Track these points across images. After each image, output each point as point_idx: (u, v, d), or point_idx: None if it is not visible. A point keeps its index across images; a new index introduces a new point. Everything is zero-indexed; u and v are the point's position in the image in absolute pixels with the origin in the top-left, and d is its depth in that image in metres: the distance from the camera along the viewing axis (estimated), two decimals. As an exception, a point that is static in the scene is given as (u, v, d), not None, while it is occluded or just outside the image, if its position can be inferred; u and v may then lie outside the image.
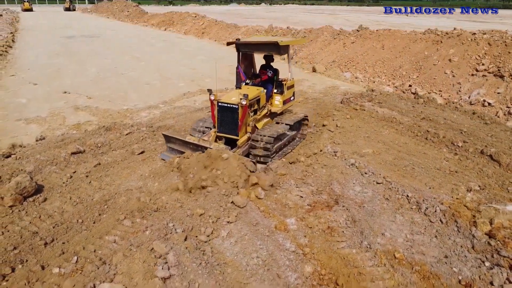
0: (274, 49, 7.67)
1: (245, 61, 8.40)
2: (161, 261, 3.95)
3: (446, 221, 5.27)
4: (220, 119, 7.06)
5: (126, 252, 4.19)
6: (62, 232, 5.06)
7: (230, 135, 7.04)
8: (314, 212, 5.40)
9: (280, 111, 8.17)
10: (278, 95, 8.15)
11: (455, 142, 7.99)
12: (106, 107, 11.05)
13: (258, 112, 7.64)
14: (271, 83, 8.10)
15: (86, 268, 4.22)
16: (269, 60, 8.28)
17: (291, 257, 4.42)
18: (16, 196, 5.63)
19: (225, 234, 4.75)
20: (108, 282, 3.66)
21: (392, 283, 4.06)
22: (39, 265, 4.37)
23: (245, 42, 7.97)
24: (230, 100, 6.91)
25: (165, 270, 3.79)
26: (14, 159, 7.24)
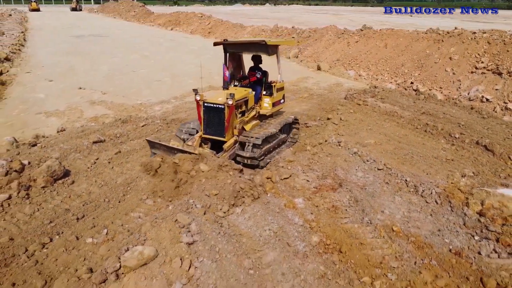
0: (262, 49, 7.58)
1: (234, 62, 8.34)
2: (184, 230, 4.46)
3: (440, 202, 5.75)
4: (206, 120, 6.86)
5: (153, 223, 4.71)
6: (91, 209, 5.59)
7: (217, 137, 6.87)
8: (320, 193, 5.91)
9: (269, 113, 8.00)
10: (268, 97, 7.97)
11: (452, 134, 8.47)
12: (120, 102, 11.60)
13: (246, 114, 7.45)
14: (260, 85, 7.99)
15: (117, 237, 4.75)
16: (258, 62, 8.21)
17: (299, 230, 4.93)
18: (48, 178, 6.18)
19: (240, 211, 5.25)
20: (140, 245, 4.17)
21: (390, 251, 4.56)
22: (73, 236, 4.90)
23: (232, 42, 7.92)
24: (216, 100, 6.70)
25: (189, 237, 4.30)
26: (39, 148, 7.80)
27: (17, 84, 13.68)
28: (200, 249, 4.14)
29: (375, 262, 4.37)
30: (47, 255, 4.57)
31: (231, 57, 8.13)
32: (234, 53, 8.18)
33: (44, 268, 4.33)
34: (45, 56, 19.98)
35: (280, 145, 7.83)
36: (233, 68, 8.33)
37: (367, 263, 4.35)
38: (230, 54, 8.05)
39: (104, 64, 18.14)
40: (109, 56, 20.56)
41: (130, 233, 4.81)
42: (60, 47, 23.50)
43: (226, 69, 7.84)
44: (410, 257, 4.49)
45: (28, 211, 5.47)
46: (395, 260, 4.42)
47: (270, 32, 25.76)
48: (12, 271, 4.28)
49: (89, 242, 4.78)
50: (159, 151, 6.78)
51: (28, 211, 5.47)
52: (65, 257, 4.49)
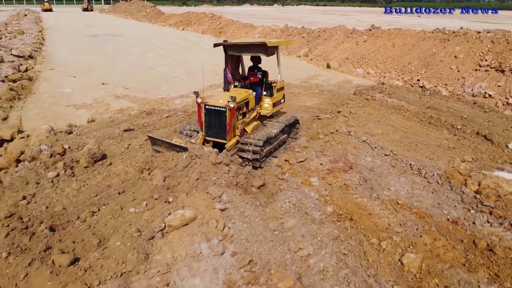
0: (262, 50, 7.47)
1: (233, 63, 8.28)
2: (217, 199, 5.16)
3: (441, 182, 6.41)
4: (207, 122, 6.88)
5: (188, 194, 5.42)
6: (130, 186, 6.32)
7: (218, 139, 6.89)
8: (332, 174, 6.59)
9: (270, 113, 7.99)
10: (268, 98, 7.95)
11: (455, 125, 9.10)
12: (142, 96, 12.36)
13: (247, 115, 7.44)
14: (260, 86, 7.99)
15: (157, 207, 5.47)
16: (257, 62, 8.20)
17: (315, 202, 5.62)
18: (89, 159, 6.93)
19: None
20: (180, 209, 4.87)
21: (395, 220, 5.23)
22: (118, 206, 5.63)
23: (232, 43, 7.85)
24: (218, 103, 6.71)
25: (221, 204, 5.00)
26: (75, 135, 8.57)
27: (43, 80, 14.49)
28: (231, 214, 4.83)
29: (382, 228, 5.05)
30: (97, 221, 5.31)
31: (230, 58, 8.08)
32: (232, 54, 8.04)
33: (97, 230, 5.07)
34: (65, 54, 20.83)
35: (280, 145, 7.84)
36: (232, 68, 8.30)
37: (375, 228, 5.03)
38: (229, 55, 7.98)
39: (121, 62, 18.95)
40: (125, 54, 21.37)
41: (167, 203, 5.53)
42: (77, 46, 24.38)
43: (228, 71, 7.90)
44: (413, 225, 5.16)
45: (75, 187, 6.23)
46: (399, 226, 5.10)
47: (280, 32, 26.42)
48: (70, 233, 5.02)
49: (132, 211, 5.50)
50: (160, 148, 6.87)
51: (75, 187, 6.23)
52: (113, 222, 5.23)
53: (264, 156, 7.11)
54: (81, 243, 4.78)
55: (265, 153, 7.08)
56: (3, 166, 7.30)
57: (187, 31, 37.67)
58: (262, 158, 7.02)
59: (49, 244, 4.64)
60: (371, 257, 4.52)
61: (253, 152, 6.72)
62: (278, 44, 7.95)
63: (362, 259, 4.47)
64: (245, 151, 6.76)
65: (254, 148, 6.70)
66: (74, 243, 4.78)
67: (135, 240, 4.55)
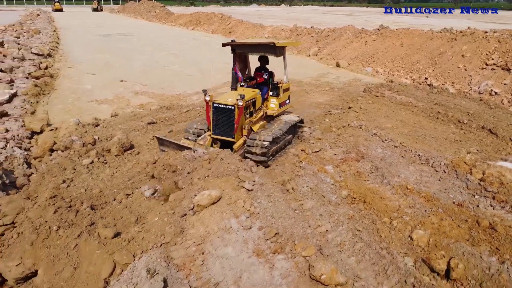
0: (271, 50, 7.53)
1: (240, 63, 8.31)
2: (249, 182, 5.63)
3: (448, 171, 6.86)
4: (215, 120, 6.92)
5: (215, 178, 5.92)
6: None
7: (226, 137, 6.95)
8: (346, 163, 7.07)
9: (276, 114, 8.01)
10: (274, 98, 7.98)
11: (461, 120, 9.54)
12: (160, 92, 12.91)
13: (254, 115, 7.50)
14: (266, 86, 8.03)
15: (186, 188, 5.97)
16: (265, 63, 8.22)
17: (331, 187, 6.11)
18: (119, 148, 7.48)
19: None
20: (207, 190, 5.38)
21: (404, 203, 5.70)
22: (150, 189, 6.14)
23: (241, 43, 7.92)
24: (226, 101, 6.79)
25: (250, 184, 5.48)
26: (102, 127, 9.13)
27: (63, 77, 15.09)
28: (258, 195, 5.32)
29: (393, 209, 5.52)
30: (132, 201, 5.83)
31: (238, 58, 8.11)
32: (241, 54, 8.15)
33: (133, 209, 5.60)
34: (81, 53, 21.46)
35: (286, 145, 7.88)
36: (240, 69, 8.33)
37: (386, 209, 5.51)
38: (237, 54, 8.03)
39: (136, 60, 19.53)
40: (138, 53, 21.95)
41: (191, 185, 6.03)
42: (92, 45, 25.02)
43: (236, 69, 7.92)
44: (421, 207, 5.63)
45: (109, 172, 6.77)
46: (408, 208, 5.57)
47: (290, 32, 26.90)
48: (109, 211, 5.56)
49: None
50: (168, 149, 6.95)
51: (109, 172, 6.77)
52: (147, 203, 5.76)
53: (271, 155, 7.14)
54: (120, 220, 5.31)
55: (272, 152, 7.12)
56: (37, 155, 7.88)
57: (197, 31, 38.25)
58: (270, 157, 7.06)
59: (92, 220, 5.18)
60: (383, 233, 5.00)
61: (261, 149, 6.76)
62: (286, 45, 8.03)
63: (375, 235, 4.95)
64: (253, 148, 6.79)
65: (261, 149, 6.74)
66: (114, 219, 5.31)
67: (170, 216, 5.06)
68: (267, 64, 8.26)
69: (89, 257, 4.56)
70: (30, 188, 6.44)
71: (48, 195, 5.88)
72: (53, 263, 4.62)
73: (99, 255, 4.54)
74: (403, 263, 4.40)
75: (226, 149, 6.54)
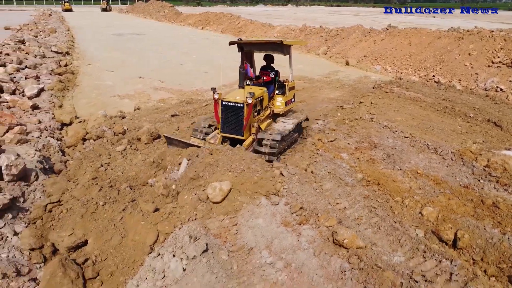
0: (278, 48, 7.60)
1: (246, 61, 8.33)
2: (283, 168, 6.19)
3: (455, 159, 7.37)
4: (224, 118, 6.95)
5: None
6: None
7: (235, 135, 6.97)
8: (359, 151, 7.61)
9: (282, 112, 8.08)
10: (280, 96, 8.06)
11: (467, 114, 10.03)
12: (178, 88, 13.51)
13: (261, 113, 7.58)
14: (272, 84, 8.08)
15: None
16: (270, 61, 8.26)
17: (347, 171, 6.65)
18: (149, 137, 8.07)
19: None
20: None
21: (415, 185, 6.23)
22: (180, 173, 6.72)
23: (248, 42, 7.98)
24: (235, 99, 6.81)
25: (285, 171, 6.04)
26: (128, 119, 9.74)
27: (84, 74, 15.75)
28: (287, 179, 5.89)
29: (404, 190, 6.06)
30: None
31: (245, 57, 8.16)
32: (247, 52, 8.18)
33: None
34: (96, 51, 22.13)
35: (293, 143, 8.02)
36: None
37: (398, 190, 6.05)
38: (244, 53, 8.08)
39: (150, 58, 20.16)
40: (151, 52, 22.59)
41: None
42: (105, 44, 25.71)
43: (247, 67, 7.98)
44: (430, 188, 6.16)
45: (141, 158, 7.36)
46: (419, 189, 6.11)
47: (299, 31, 27.43)
48: (146, 191, 6.13)
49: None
50: (177, 148, 7.06)
51: (141, 158, 7.36)
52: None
53: (280, 153, 7.20)
54: (157, 198, 5.88)
55: (281, 150, 7.20)
56: (71, 144, 8.51)
57: (206, 30, 38.88)
58: (278, 155, 7.11)
59: (133, 198, 5.76)
60: (396, 210, 5.53)
61: (270, 147, 6.86)
62: (294, 43, 8.14)
63: (389, 211, 5.49)
64: (262, 146, 6.89)
65: (271, 147, 6.84)
66: (152, 197, 5.89)
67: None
68: (273, 63, 8.31)
69: (134, 228, 5.14)
70: (69, 172, 7.05)
71: (90, 177, 6.51)
72: (101, 233, 5.20)
73: (144, 226, 5.12)
74: (415, 234, 4.93)
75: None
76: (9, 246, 5.29)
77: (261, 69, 8.35)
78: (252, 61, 8.61)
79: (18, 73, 12.98)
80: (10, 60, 14.13)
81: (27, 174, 6.65)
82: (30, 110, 10.11)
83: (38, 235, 5.38)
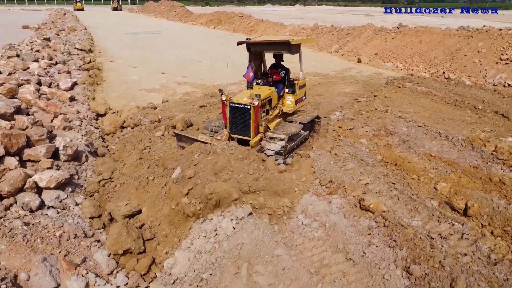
0: (286, 48, 7.55)
1: (256, 61, 8.33)
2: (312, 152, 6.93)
3: (465, 145, 8.05)
4: (231, 119, 7.02)
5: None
6: (219, 143, 8.15)
7: (242, 136, 7.00)
8: (377, 137, 8.32)
9: (292, 111, 7.99)
10: (290, 95, 7.97)
11: (476, 106, 10.68)
12: (201, 83, 14.28)
13: (270, 112, 7.53)
14: (282, 83, 8.02)
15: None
16: (280, 60, 8.16)
17: (367, 153, 7.37)
18: (183, 124, 8.85)
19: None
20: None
21: (429, 166, 6.93)
22: (216, 155, 7.47)
23: (256, 41, 7.89)
24: (242, 100, 6.84)
25: (314, 153, 6.78)
26: (159, 110, 10.51)
27: (109, 70, 16.57)
28: (315, 158, 6.62)
29: (420, 169, 6.77)
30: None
31: (254, 56, 8.17)
32: (256, 52, 8.18)
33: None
34: (116, 49, 22.98)
35: (303, 142, 7.98)
36: (256, 67, 8.38)
37: (414, 169, 6.76)
38: (252, 53, 8.09)
39: (169, 56, 20.96)
40: (169, 49, 23.40)
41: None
42: (123, 42, 26.57)
43: (251, 69, 7.75)
44: (443, 168, 6.86)
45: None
46: (432, 169, 6.81)
47: (311, 30, 28.10)
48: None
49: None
50: (186, 145, 6.99)
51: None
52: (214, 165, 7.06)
53: (288, 153, 7.22)
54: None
55: (289, 150, 7.21)
56: (110, 131, 9.31)
57: (219, 30, 39.66)
58: (286, 155, 7.13)
59: (178, 174, 6.51)
60: (413, 185, 6.24)
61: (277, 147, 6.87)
62: (301, 42, 8.06)
63: (406, 186, 6.20)
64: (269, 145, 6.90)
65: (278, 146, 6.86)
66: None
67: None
68: (282, 61, 8.21)
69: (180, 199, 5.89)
70: (115, 154, 7.84)
71: (137, 157, 7.29)
72: (153, 203, 5.97)
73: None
74: (430, 204, 5.64)
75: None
76: (72, 214, 6.05)
77: (271, 67, 8.29)
78: (262, 60, 8.62)
79: (51, 68, 13.82)
80: (41, 56, 15.00)
81: (79, 155, 7.43)
82: (68, 101, 10.92)
83: (96, 205, 6.14)
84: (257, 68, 8.47)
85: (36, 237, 5.06)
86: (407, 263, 4.11)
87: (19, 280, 4.39)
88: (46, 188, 6.10)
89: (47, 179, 6.09)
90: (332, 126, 8.74)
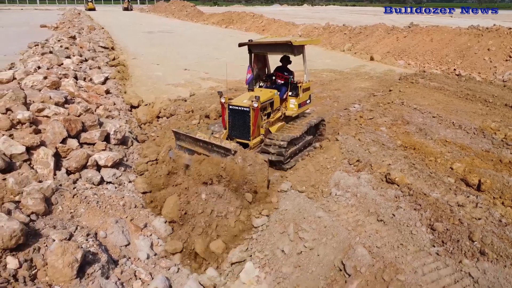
0: (288, 49, 7.22)
1: (259, 63, 8.14)
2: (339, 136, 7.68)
3: (477, 133, 8.76)
4: (231, 122, 6.88)
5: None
6: (250, 131, 8.92)
7: (242, 139, 6.84)
8: (395, 126, 9.04)
9: (295, 114, 7.74)
10: (293, 98, 7.69)
11: (487, 99, 11.36)
12: (223, 78, 15.00)
13: (271, 115, 7.36)
14: (285, 86, 7.75)
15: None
16: (287, 63, 7.88)
17: (387, 139, 8.10)
18: (216, 114, 9.62)
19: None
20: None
21: (445, 150, 7.65)
22: (249, 140, 8.24)
23: (257, 42, 7.60)
24: (241, 103, 6.71)
25: (341, 137, 7.52)
26: (190, 102, 11.29)
27: (133, 67, 17.39)
28: (342, 141, 7.36)
29: (436, 153, 7.50)
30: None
31: (256, 57, 7.93)
32: (259, 54, 7.94)
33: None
34: (135, 47, 23.81)
35: (306, 147, 7.77)
36: (258, 69, 8.15)
37: (431, 153, 7.49)
38: (255, 54, 7.84)
39: (187, 53, 21.77)
40: (186, 47, 24.19)
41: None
42: (141, 40, 27.40)
43: (250, 71, 7.64)
44: (457, 152, 7.59)
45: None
46: (448, 152, 7.53)
47: (322, 30, 28.80)
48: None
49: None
50: (184, 143, 6.88)
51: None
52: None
53: (289, 157, 7.07)
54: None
55: (290, 154, 7.07)
56: (147, 121, 10.13)
57: (231, 29, 40.46)
58: (287, 159, 7.00)
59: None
60: (431, 166, 6.98)
61: (277, 150, 6.75)
62: (305, 43, 7.70)
63: (425, 166, 6.93)
64: (269, 148, 6.82)
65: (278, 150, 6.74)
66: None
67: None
68: (289, 64, 7.92)
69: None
70: (155, 140, 8.64)
71: (178, 141, 8.06)
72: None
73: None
74: (447, 180, 6.37)
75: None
76: (127, 189, 6.85)
77: (276, 70, 8.07)
78: (266, 61, 8.38)
79: (82, 64, 14.67)
80: (72, 53, 15.86)
81: (125, 140, 8.24)
82: (104, 94, 11.75)
83: (148, 182, 6.93)
84: (261, 71, 8.33)
85: (106, 204, 5.89)
86: (431, 222, 4.85)
87: (98, 237, 5.20)
88: (104, 166, 6.90)
89: (105, 158, 6.90)
90: (354, 115, 9.46)
